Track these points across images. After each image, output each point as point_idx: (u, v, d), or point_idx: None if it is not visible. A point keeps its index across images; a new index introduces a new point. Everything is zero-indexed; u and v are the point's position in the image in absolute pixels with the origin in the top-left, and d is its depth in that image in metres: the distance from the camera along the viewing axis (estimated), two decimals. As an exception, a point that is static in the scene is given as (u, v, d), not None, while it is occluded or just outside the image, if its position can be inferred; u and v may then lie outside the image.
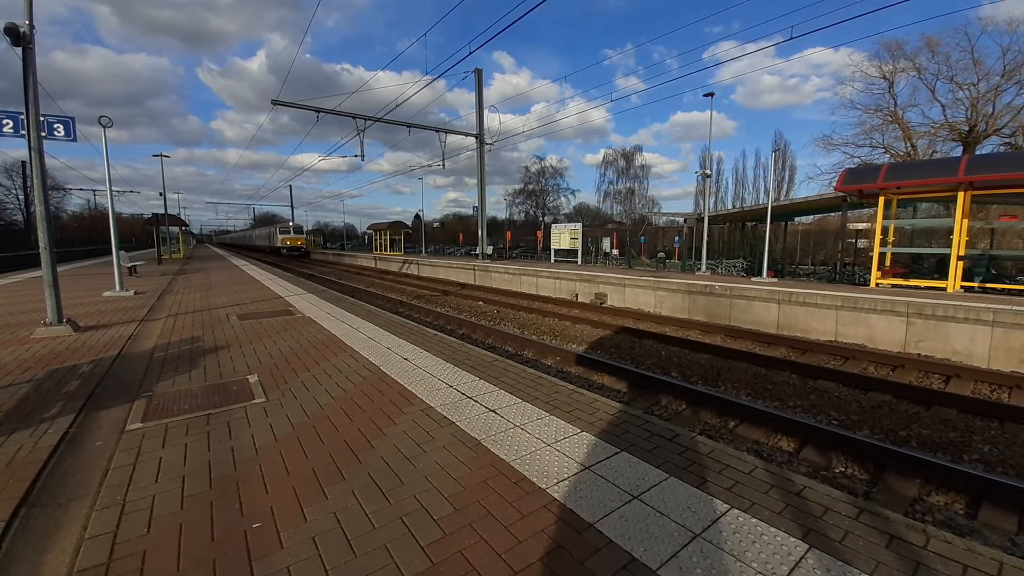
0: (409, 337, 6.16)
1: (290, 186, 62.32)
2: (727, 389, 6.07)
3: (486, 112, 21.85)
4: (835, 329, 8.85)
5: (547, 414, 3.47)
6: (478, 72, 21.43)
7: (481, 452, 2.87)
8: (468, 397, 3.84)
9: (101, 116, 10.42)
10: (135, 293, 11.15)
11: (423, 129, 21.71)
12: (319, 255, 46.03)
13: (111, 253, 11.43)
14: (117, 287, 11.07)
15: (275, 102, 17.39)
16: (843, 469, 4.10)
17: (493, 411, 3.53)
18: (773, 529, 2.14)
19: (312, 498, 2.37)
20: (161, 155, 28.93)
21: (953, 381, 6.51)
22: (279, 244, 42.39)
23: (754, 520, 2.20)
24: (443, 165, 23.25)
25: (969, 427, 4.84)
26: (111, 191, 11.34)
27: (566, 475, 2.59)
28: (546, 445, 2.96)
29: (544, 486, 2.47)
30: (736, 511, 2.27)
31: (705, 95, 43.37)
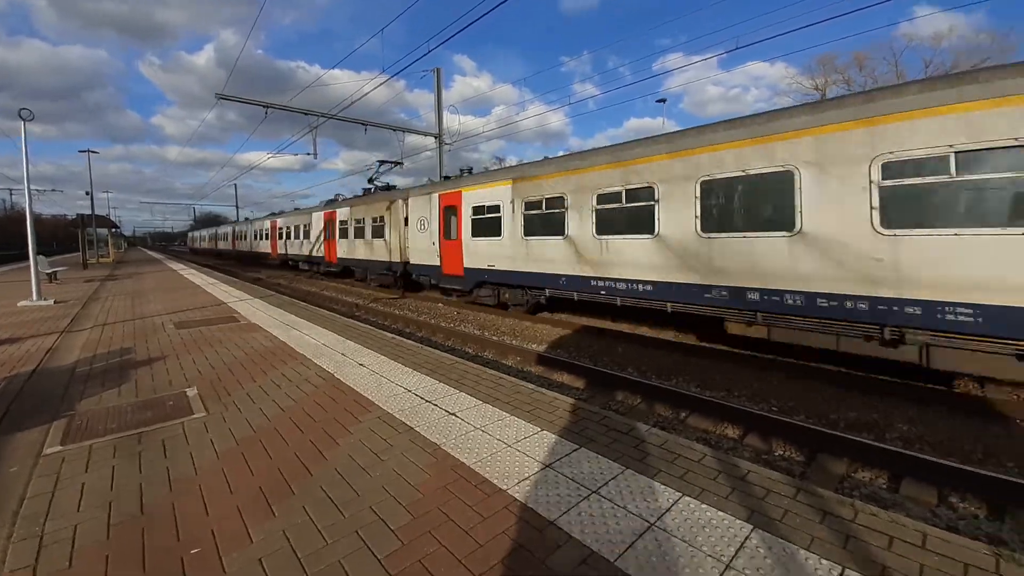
0: (365, 342, 5.97)
1: (235, 184, 58.36)
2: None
3: (446, 112, 21.59)
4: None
5: (508, 415, 3.47)
6: (437, 71, 21.12)
7: (441, 457, 2.82)
8: (427, 401, 3.77)
9: (21, 109, 9.50)
10: (55, 302, 10.11)
11: (380, 128, 21.14)
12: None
13: (28, 258, 10.30)
14: (34, 296, 10.01)
15: (220, 96, 16.32)
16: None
17: (453, 414, 3.49)
18: (721, 513, 2.24)
19: (258, 517, 2.23)
20: (88, 151, 26.53)
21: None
22: None
23: (704, 506, 2.31)
24: (401, 165, 22.75)
25: None
26: (29, 190, 10.23)
27: (527, 474, 2.60)
28: (507, 446, 2.96)
29: (505, 487, 2.47)
30: (687, 498, 2.37)
31: (657, 100, 45.71)
